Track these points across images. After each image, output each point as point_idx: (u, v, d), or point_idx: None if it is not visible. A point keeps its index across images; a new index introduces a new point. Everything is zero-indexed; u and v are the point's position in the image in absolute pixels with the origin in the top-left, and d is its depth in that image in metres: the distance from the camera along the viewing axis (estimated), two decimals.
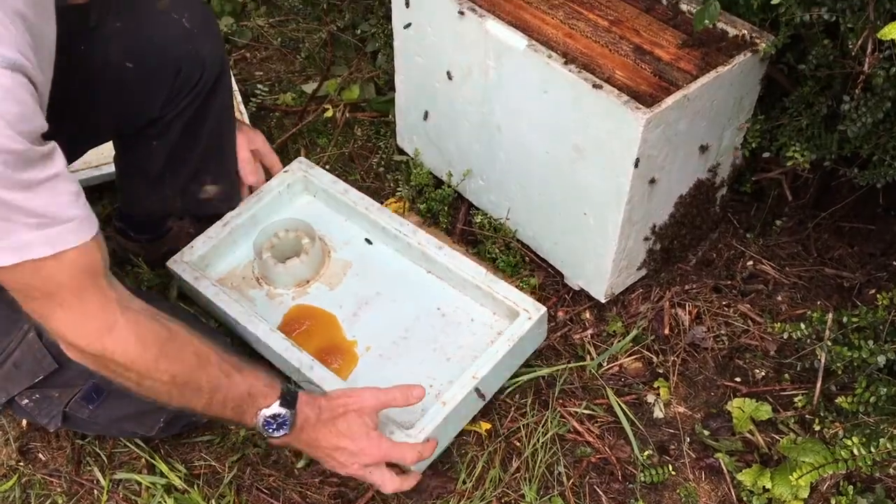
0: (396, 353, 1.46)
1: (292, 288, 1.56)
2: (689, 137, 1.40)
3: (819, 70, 1.37)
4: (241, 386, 1.14)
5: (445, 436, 1.34)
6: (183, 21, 1.37)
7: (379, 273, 1.56)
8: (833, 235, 1.66)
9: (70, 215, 0.95)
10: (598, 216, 1.44)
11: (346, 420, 1.21)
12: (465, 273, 1.48)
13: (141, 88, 1.37)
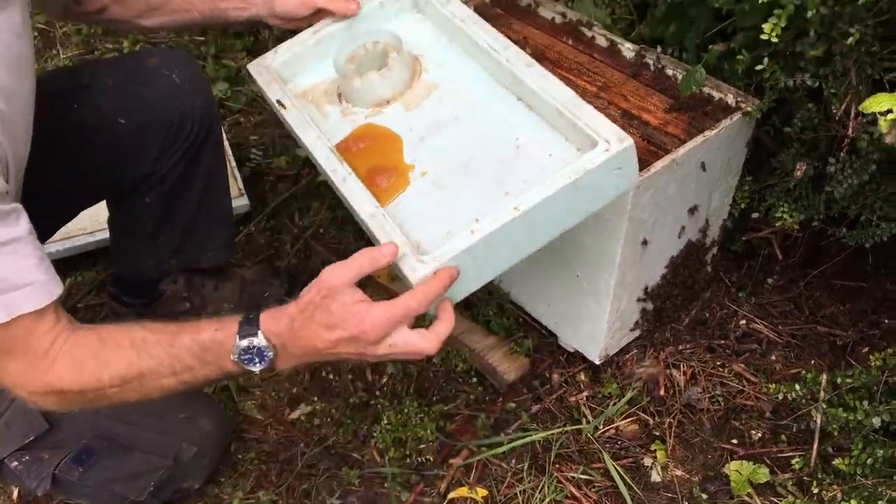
0: (451, 182, 1.22)
1: (370, 107, 1.36)
2: (678, 200, 1.41)
3: (804, 133, 1.40)
4: (193, 345, 1.03)
5: (475, 274, 1.12)
6: (173, 76, 1.40)
7: (464, 98, 1.34)
8: (825, 293, 1.67)
9: (28, 280, 0.94)
10: (591, 279, 1.45)
11: (322, 310, 1.00)
12: (550, 95, 1.21)
13: (133, 144, 1.39)
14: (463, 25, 1.35)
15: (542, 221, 1.13)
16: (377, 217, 1.13)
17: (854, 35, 1.13)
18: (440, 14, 1.41)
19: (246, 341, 1.01)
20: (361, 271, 1.04)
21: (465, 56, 1.38)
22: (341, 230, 1.89)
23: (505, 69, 1.28)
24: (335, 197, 1.95)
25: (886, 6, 1.14)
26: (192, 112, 1.42)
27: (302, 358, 1.04)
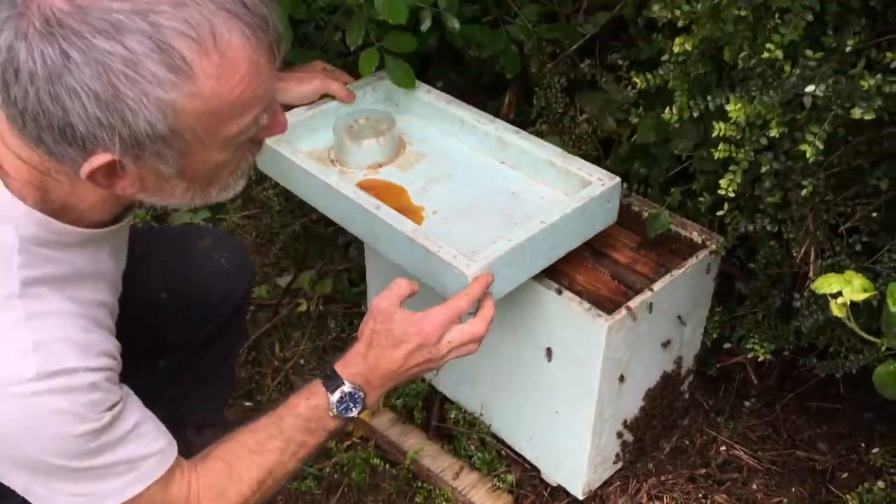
0: (462, 218, 1.42)
1: (365, 169, 1.53)
2: (651, 336, 1.44)
3: (769, 268, 1.44)
4: (297, 422, 1.11)
5: (507, 276, 1.27)
6: (222, 261, 1.44)
7: (452, 162, 1.55)
8: (801, 416, 1.69)
9: (153, 450, 0.99)
10: (570, 414, 1.46)
11: (385, 334, 1.13)
12: (540, 152, 1.46)
13: (168, 318, 1.40)
14: (448, 107, 1.59)
15: (557, 238, 1.35)
16: (420, 231, 1.29)
17: (807, 187, 1.18)
18: (419, 102, 1.64)
19: (337, 393, 1.11)
20: (402, 293, 1.16)
21: (444, 133, 1.61)
22: (322, 360, 1.90)
23: (491, 137, 1.53)
24: (316, 326, 1.97)
25: (836, 160, 1.20)
26: (232, 297, 1.47)
27: (384, 386, 1.15)
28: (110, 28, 0.75)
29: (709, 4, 1.11)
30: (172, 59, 0.77)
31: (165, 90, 0.78)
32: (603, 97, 1.67)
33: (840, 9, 1.09)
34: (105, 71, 0.76)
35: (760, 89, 1.12)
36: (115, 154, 0.82)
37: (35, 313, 0.88)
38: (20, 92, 0.79)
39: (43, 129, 0.81)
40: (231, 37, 0.80)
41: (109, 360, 0.96)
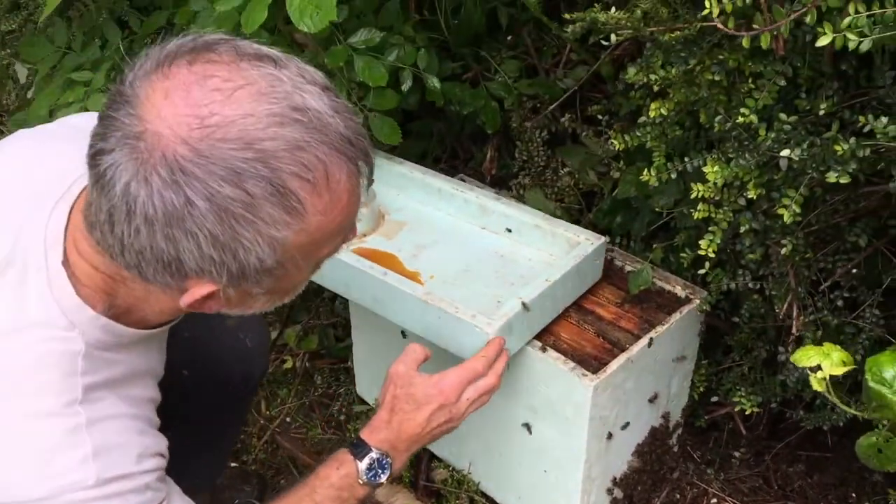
0: (459, 281, 1.46)
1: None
2: (637, 392, 1.44)
3: (753, 321, 1.45)
4: (330, 492, 1.13)
5: (519, 333, 1.33)
6: (246, 341, 1.43)
7: (434, 229, 1.59)
8: (792, 466, 1.68)
9: None
10: (559, 474, 1.45)
11: (406, 399, 1.17)
12: (525, 217, 1.50)
13: (186, 395, 1.37)
14: (423, 177, 1.62)
15: (559, 294, 1.40)
16: (433, 294, 1.33)
17: (787, 245, 1.19)
18: (390, 172, 1.67)
19: (366, 460, 1.14)
20: (418, 358, 1.21)
21: (419, 202, 1.64)
22: (308, 417, 1.88)
23: (472, 204, 1.57)
24: (302, 383, 1.95)
25: (815, 219, 1.21)
26: (251, 377, 1.48)
27: (409, 450, 1.18)
28: (233, 175, 0.76)
29: (683, 69, 1.13)
30: (290, 202, 0.79)
31: (279, 229, 0.80)
32: (583, 151, 1.69)
33: (812, 73, 1.10)
34: (226, 215, 0.78)
35: (737, 152, 1.13)
36: (220, 285, 0.83)
37: (96, 418, 0.90)
38: (129, 230, 0.79)
39: (146, 261, 0.82)
40: (340, 175, 0.82)
41: (160, 461, 0.98)
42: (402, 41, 1.56)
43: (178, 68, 0.79)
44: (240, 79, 0.78)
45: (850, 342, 1.28)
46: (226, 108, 0.77)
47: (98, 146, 0.79)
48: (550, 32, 1.71)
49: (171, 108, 0.77)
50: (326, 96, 0.81)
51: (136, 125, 0.77)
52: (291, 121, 0.78)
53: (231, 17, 1.36)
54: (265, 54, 0.81)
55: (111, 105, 0.80)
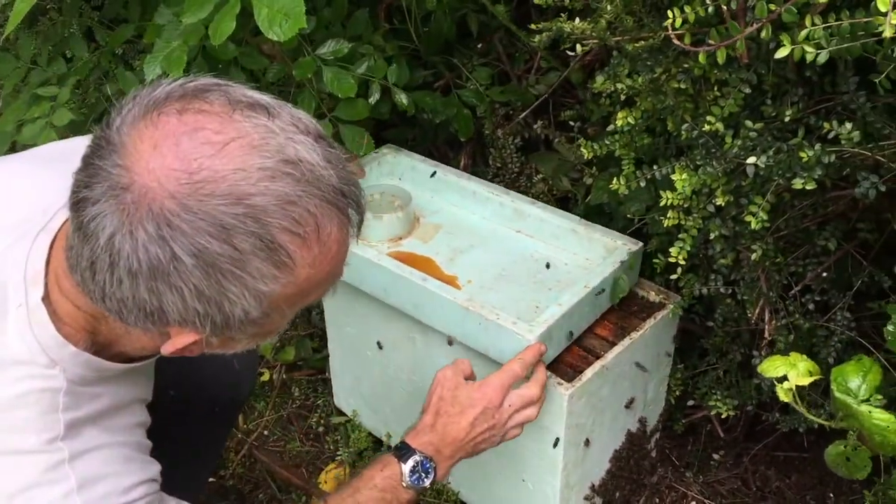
0: (497, 286, 1.46)
1: (386, 242, 1.57)
2: (613, 399, 1.44)
3: (727, 325, 1.45)
4: (373, 493, 1.14)
5: (557, 340, 1.33)
6: (234, 362, 1.42)
7: (469, 232, 1.60)
8: (770, 467, 1.69)
9: None
10: (537, 483, 1.44)
11: (451, 402, 1.19)
12: (560, 221, 1.51)
13: (172, 416, 1.36)
14: (458, 180, 1.64)
15: (597, 301, 1.40)
16: (474, 300, 1.34)
17: (757, 251, 1.19)
18: (425, 176, 1.67)
19: (410, 462, 1.15)
20: (466, 371, 1.24)
21: (454, 205, 1.66)
22: (286, 430, 1.87)
23: (507, 207, 1.58)
24: (280, 395, 1.94)
25: (783, 224, 1.21)
26: (238, 397, 1.46)
27: (453, 457, 1.19)
28: (221, 231, 0.75)
29: (649, 78, 1.13)
30: (279, 256, 0.78)
31: (266, 283, 0.78)
32: (556, 157, 1.69)
33: (777, 79, 1.11)
34: (213, 271, 0.76)
35: (704, 159, 1.13)
36: (202, 335, 0.82)
37: (79, 452, 0.89)
38: (111, 280, 0.78)
39: (127, 309, 0.80)
40: (331, 227, 0.81)
41: (150, 486, 0.97)
42: (371, 51, 1.55)
43: (167, 117, 0.77)
44: (231, 131, 0.76)
45: (822, 345, 1.29)
46: (216, 162, 0.75)
47: (82, 194, 0.77)
48: (521, 40, 1.71)
49: (159, 160, 0.75)
50: (319, 146, 0.80)
51: (122, 176, 0.75)
52: (283, 174, 0.76)
53: (198, 29, 1.34)
54: (258, 102, 0.79)
55: (96, 151, 0.78)
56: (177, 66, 1.32)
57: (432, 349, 1.49)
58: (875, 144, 1.05)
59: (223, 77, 0.82)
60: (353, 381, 1.76)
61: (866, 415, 0.81)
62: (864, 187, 1.05)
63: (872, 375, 0.84)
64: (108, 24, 1.80)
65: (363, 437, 1.75)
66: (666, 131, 1.30)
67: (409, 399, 1.62)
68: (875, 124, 1.07)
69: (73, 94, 1.58)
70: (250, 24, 1.29)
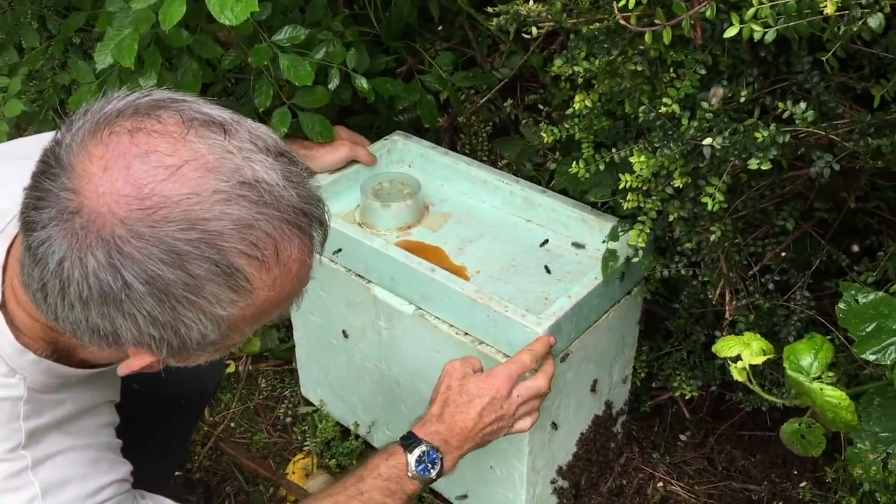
0: (506, 277, 1.45)
1: (395, 231, 1.56)
2: (578, 382, 1.44)
3: (691, 307, 1.46)
4: (377, 482, 1.12)
5: (567, 331, 1.32)
6: None
7: (479, 221, 1.59)
8: (736, 446, 1.70)
9: None
10: (504, 468, 1.45)
11: (459, 392, 1.18)
12: (570, 210, 1.49)
13: (137, 410, 1.34)
14: (468, 169, 1.63)
15: (608, 292, 1.38)
16: (482, 292, 1.32)
17: (715, 232, 1.20)
18: (434, 164, 1.67)
19: (417, 451, 1.13)
20: (475, 365, 1.23)
21: (464, 193, 1.65)
22: (253, 422, 1.85)
23: (517, 196, 1.57)
24: (246, 387, 1.92)
25: (741, 205, 1.21)
26: (205, 392, 1.45)
27: (460, 448, 1.17)
28: (174, 257, 0.72)
29: (605, 60, 1.12)
30: (236, 281, 0.76)
31: (223, 307, 0.76)
32: (521, 143, 1.68)
33: (732, 60, 1.11)
34: (167, 298, 0.74)
35: (662, 141, 1.13)
36: (159, 356, 0.81)
37: (43, 458, 0.88)
38: (63, 305, 0.76)
39: (80, 330, 0.78)
40: (291, 249, 0.78)
41: (120, 486, 0.96)
42: (330, 37, 1.53)
43: (118, 136, 0.74)
44: (185, 153, 0.74)
45: (783, 325, 1.30)
46: (168, 186, 0.72)
47: (31, 217, 0.75)
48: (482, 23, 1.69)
49: (109, 184, 0.72)
50: (279, 164, 0.77)
51: (72, 200, 0.73)
52: (239, 197, 0.74)
53: (148, 16, 1.31)
54: (213, 120, 0.77)
55: (45, 171, 0.75)
56: (128, 55, 1.29)
57: (398, 337, 1.48)
58: (829, 124, 1.06)
59: (178, 92, 0.80)
60: (319, 371, 1.75)
61: (818, 392, 0.82)
62: (819, 166, 1.05)
63: (824, 353, 0.85)
64: (62, 13, 1.77)
65: (330, 426, 1.74)
66: (624, 114, 1.30)
67: (375, 387, 1.61)
68: (829, 104, 1.07)
69: (24, 85, 1.54)
70: (203, 9, 1.27)
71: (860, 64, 1.10)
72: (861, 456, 0.84)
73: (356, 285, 1.49)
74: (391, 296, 1.45)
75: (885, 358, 0.81)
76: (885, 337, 0.82)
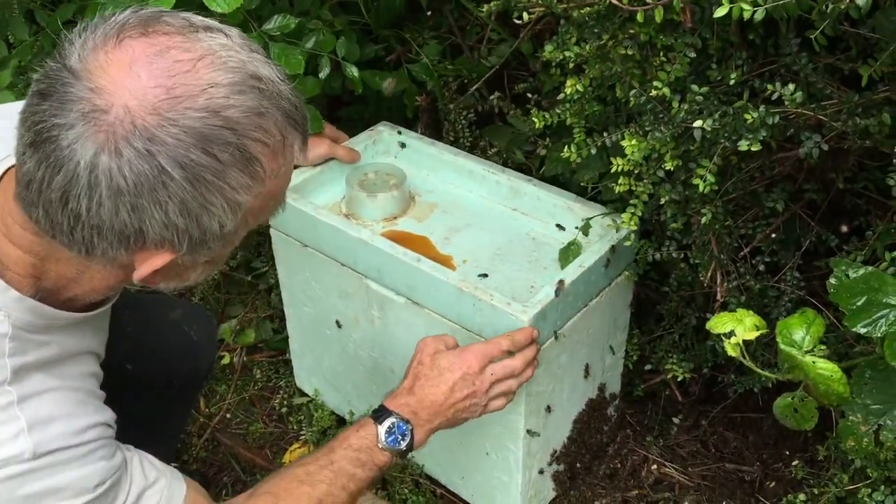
0: (492, 266, 1.46)
1: (381, 221, 1.57)
2: (572, 366, 1.45)
3: (681, 290, 1.47)
4: (347, 452, 1.13)
5: (553, 321, 1.33)
6: (191, 334, 1.41)
7: (465, 211, 1.59)
8: (728, 428, 1.72)
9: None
10: (499, 452, 1.46)
11: (431, 366, 1.20)
12: (556, 199, 1.50)
13: (131, 391, 1.34)
14: (455, 159, 1.63)
15: (594, 280, 1.38)
16: (468, 281, 1.32)
17: (706, 214, 1.21)
18: (420, 154, 1.68)
19: (386, 423, 1.15)
20: (449, 343, 1.24)
21: (450, 183, 1.65)
22: (249, 412, 1.86)
23: (503, 185, 1.57)
24: (241, 378, 1.93)
25: (732, 187, 1.23)
26: (198, 370, 1.45)
27: (431, 421, 1.18)
28: (203, 142, 0.78)
29: (596, 45, 1.13)
30: (253, 167, 0.81)
31: (241, 194, 0.82)
32: (510, 130, 1.69)
33: (722, 43, 1.12)
34: (199, 183, 0.79)
35: (653, 125, 1.14)
36: (178, 254, 0.84)
37: (28, 394, 0.89)
38: (89, 204, 0.78)
39: (101, 236, 0.81)
40: (293, 140, 0.85)
41: (105, 429, 0.96)
42: (320, 26, 1.53)
43: (132, 40, 0.78)
44: (199, 49, 0.79)
45: (773, 305, 1.32)
46: (190, 78, 0.78)
47: (50, 122, 0.78)
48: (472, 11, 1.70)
49: (134, 80, 0.77)
50: (272, 65, 0.84)
51: (98, 98, 0.76)
52: (251, 89, 0.80)
53: (138, 3, 1.31)
54: (213, 25, 0.83)
55: (58, 82, 0.78)
56: None
57: (391, 325, 1.49)
58: (817, 104, 1.07)
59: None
60: (313, 361, 1.75)
61: (810, 365, 0.83)
62: (808, 147, 1.07)
63: (816, 327, 0.86)
64: (50, 7, 1.76)
65: (326, 415, 1.75)
66: (615, 99, 1.31)
67: (370, 376, 1.62)
68: (817, 85, 1.09)
69: (15, 77, 1.54)
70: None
71: (847, 45, 1.11)
72: (853, 428, 0.85)
73: (348, 275, 1.49)
74: (382, 287, 1.45)
75: (875, 331, 0.83)
76: (876, 310, 0.84)
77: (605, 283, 1.43)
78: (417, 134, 1.71)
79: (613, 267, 1.41)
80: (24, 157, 0.80)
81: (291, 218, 1.53)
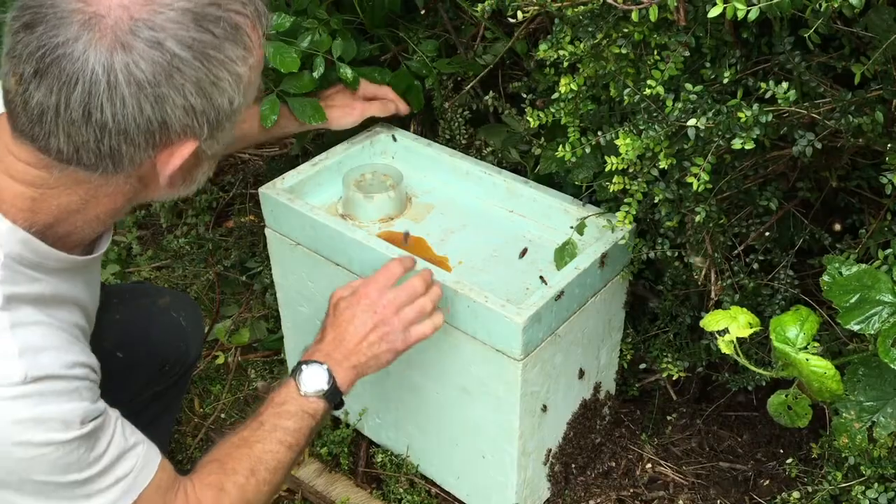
0: (488, 268, 1.47)
1: (377, 222, 1.57)
2: (567, 366, 1.46)
3: (676, 288, 1.47)
4: (274, 409, 1.16)
5: (548, 323, 1.33)
6: (180, 319, 1.42)
7: (462, 212, 1.60)
8: (722, 426, 1.73)
9: (138, 461, 0.99)
10: (494, 452, 1.46)
11: (339, 309, 1.22)
12: (552, 201, 1.51)
13: (121, 378, 1.34)
14: (451, 160, 1.63)
15: (589, 282, 1.38)
16: (462, 282, 1.32)
17: (700, 213, 1.21)
18: (417, 154, 1.68)
19: (303, 372, 1.17)
20: (353, 284, 1.26)
21: (447, 184, 1.65)
22: (243, 413, 1.85)
23: (500, 187, 1.57)
24: (235, 378, 1.93)
25: (725, 186, 1.23)
26: (186, 357, 1.46)
27: (348, 358, 1.20)
28: (198, 19, 0.84)
29: (590, 44, 1.13)
30: (242, 37, 0.87)
31: (239, 65, 0.87)
32: (505, 129, 1.69)
33: (715, 42, 1.12)
34: (206, 60, 0.85)
35: (647, 123, 1.14)
36: (200, 139, 0.89)
37: (19, 323, 0.89)
38: (113, 107, 0.82)
39: (128, 140, 0.85)
40: (266, 10, 0.92)
41: (90, 372, 0.96)
42: (315, 25, 1.53)
43: None
44: None
45: (767, 303, 1.32)
46: None
47: (51, 44, 0.80)
48: (466, 10, 1.70)
49: None
50: None
51: (88, 7, 0.81)
52: None
53: None
54: None
55: (40, 8, 0.81)
56: None
57: None
58: (811, 103, 1.07)
59: None
60: None
61: (804, 362, 0.84)
62: (801, 145, 1.07)
63: (809, 324, 0.87)
64: None
65: None
66: (609, 98, 1.31)
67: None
68: (810, 83, 1.09)
69: None
70: None
71: (840, 44, 1.11)
72: (847, 425, 0.86)
73: (343, 276, 1.49)
74: None
75: (869, 328, 0.83)
76: (869, 307, 0.84)
77: (600, 284, 1.43)
78: (414, 135, 1.71)
79: (608, 268, 1.42)
80: (29, 91, 0.82)
81: (287, 218, 1.53)
